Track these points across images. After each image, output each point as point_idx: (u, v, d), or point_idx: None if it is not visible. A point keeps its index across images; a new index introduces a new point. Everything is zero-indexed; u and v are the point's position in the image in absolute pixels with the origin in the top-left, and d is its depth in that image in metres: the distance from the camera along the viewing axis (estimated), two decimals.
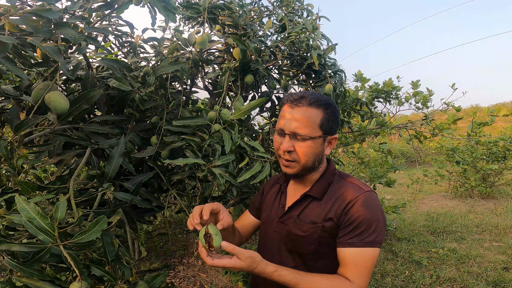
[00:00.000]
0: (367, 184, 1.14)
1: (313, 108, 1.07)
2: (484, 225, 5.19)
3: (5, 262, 0.93)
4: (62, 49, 1.16)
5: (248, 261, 0.98)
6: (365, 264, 1.04)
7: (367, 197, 1.08)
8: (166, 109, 1.65)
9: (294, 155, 1.09)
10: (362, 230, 1.04)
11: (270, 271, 1.02)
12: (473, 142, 4.06)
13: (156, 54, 2.10)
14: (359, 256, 1.04)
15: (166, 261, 4.01)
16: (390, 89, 3.10)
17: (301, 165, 1.11)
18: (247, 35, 2.03)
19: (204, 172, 1.31)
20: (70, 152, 1.42)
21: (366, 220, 1.05)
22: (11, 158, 1.08)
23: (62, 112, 1.15)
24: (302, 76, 2.47)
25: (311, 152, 1.09)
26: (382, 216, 1.09)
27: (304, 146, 1.08)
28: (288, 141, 1.08)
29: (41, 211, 0.95)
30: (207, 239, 1.01)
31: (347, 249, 1.06)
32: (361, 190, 1.10)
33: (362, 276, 1.04)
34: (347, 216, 1.07)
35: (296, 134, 1.07)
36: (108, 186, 1.15)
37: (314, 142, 1.08)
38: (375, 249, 1.05)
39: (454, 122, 2.83)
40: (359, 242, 1.04)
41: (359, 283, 1.04)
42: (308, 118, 1.06)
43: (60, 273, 1.11)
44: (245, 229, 1.43)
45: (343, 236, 1.07)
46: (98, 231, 1.01)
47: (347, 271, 1.06)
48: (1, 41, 1.01)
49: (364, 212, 1.05)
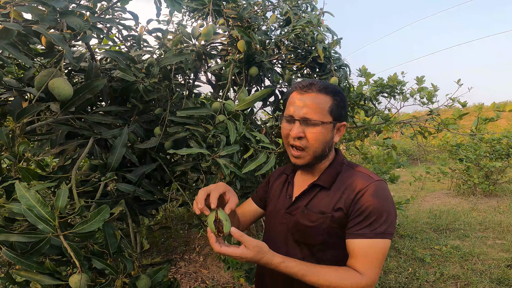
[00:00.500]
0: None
1: (323, 95, 1.07)
2: (487, 223, 5.16)
3: (2, 253, 0.89)
4: (67, 37, 1.15)
5: (255, 250, 0.96)
6: (376, 255, 1.01)
7: (377, 187, 1.05)
8: (170, 100, 1.63)
9: (304, 141, 1.07)
10: (373, 220, 1.01)
11: (277, 262, 1.00)
12: (477, 140, 4.02)
13: (160, 46, 2.08)
14: (370, 247, 1.01)
15: (168, 257, 4.00)
16: (395, 83, 3.07)
17: (311, 153, 1.09)
18: (251, 27, 2.01)
19: (209, 162, 1.29)
20: (73, 142, 1.40)
21: (376, 210, 1.01)
22: (12, 146, 1.05)
23: (65, 99, 1.13)
24: (306, 70, 2.44)
25: (322, 138, 1.07)
26: (392, 206, 1.06)
27: (315, 132, 1.06)
28: (298, 127, 1.06)
29: (42, 199, 0.91)
30: (217, 224, 0.98)
31: (358, 240, 1.03)
32: (371, 179, 1.07)
33: (372, 268, 1.01)
34: (357, 206, 1.04)
35: (306, 120, 1.05)
36: (111, 176, 1.13)
37: (324, 128, 1.06)
38: (386, 241, 1.02)
39: (460, 117, 2.80)
40: (369, 233, 1.01)
41: (370, 275, 1.01)
42: (318, 104, 1.05)
43: (60, 267, 1.07)
44: (245, 217, 1.39)
45: (353, 226, 1.04)
46: (100, 220, 0.98)
47: (357, 263, 1.03)
48: (6, 28, 1.00)
49: (375, 202, 1.02)
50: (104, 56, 2.00)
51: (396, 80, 3.10)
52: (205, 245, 4.25)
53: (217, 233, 0.98)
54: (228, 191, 1.10)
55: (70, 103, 1.25)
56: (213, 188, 1.06)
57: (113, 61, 1.93)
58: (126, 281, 1.18)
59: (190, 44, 1.99)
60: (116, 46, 2.33)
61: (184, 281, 3.45)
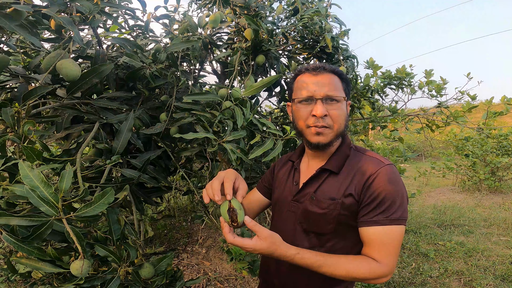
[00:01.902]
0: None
1: (334, 75, 1.10)
2: (492, 219, 5.13)
3: (3, 238, 0.87)
4: (76, 19, 1.14)
5: (268, 241, 0.94)
6: (392, 243, 0.99)
7: (389, 171, 1.02)
8: (176, 86, 1.61)
9: (328, 119, 1.06)
10: (387, 206, 0.98)
11: (292, 253, 0.97)
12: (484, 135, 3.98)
13: (167, 33, 2.07)
14: (385, 234, 0.99)
15: (170, 249, 4.01)
16: (403, 75, 3.03)
17: (335, 130, 1.07)
18: (259, 16, 1.98)
19: (215, 147, 1.27)
20: (78, 126, 1.39)
21: (390, 196, 0.99)
22: (17, 127, 1.04)
23: (73, 79, 1.12)
24: (313, 60, 2.42)
25: (343, 114, 1.08)
26: (405, 190, 1.03)
27: (337, 109, 1.06)
28: (322, 105, 1.05)
29: (45, 180, 0.89)
30: (231, 213, 0.96)
31: (373, 227, 1.00)
32: (382, 164, 1.04)
33: (390, 255, 0.99)
34: (368, 191, 1.01)
35: (330, 97, 1.05)
36: (117, 159, 1.11)
37: (343, 105, 1.08)
38: (402, 227, 1.00)
39: (469, 111, 2.75)
40: (385, 219, 0.98)
41: (388, 263, 0.99)
42: (335, 82, 1.08)
43: (62, 255, 1.05)
44: (251, 206, 1.37)
45: (367, 214, 1.01)
46: (104, 204, 0.96)
47: (373, 251, 1.00)
48: (16, 10, 1.00)
49: (387, 187, 0.99)
50: (111, 44, 1.99)
51: (405, 72, 3.06)
52: (208, 237, 4.25)
53: (230, 223, 0.96)
54: (238, 177, 1.08)
55: (76, 87, 1.24)
56: (224, 175, 1.04)
57: (120, 49, 1.92)
58: (129, 270, 1.16)
59: (197, 33, 1.97)
60: (123, 34, 2.31)
61: (187, 273, 3.45)
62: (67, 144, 1.47)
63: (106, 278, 1.11)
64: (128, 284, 1.19)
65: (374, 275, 0.98)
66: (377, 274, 0.98)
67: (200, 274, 3.43)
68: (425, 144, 12.85)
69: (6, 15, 0.98)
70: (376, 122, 3.14)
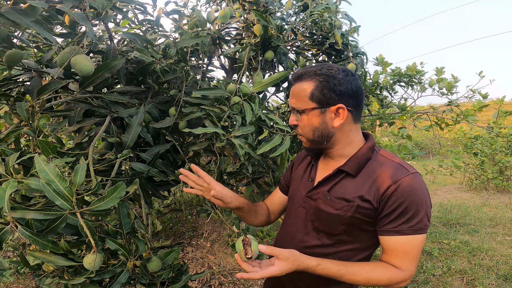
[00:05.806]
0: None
1: (303, 82, 1.07)
2: (498, 219, 5.10)
3: (18, 232, 0.89)
4: (90, 15, 1.16)
5: (290, 260, 0.95)
6: (414, 251, 0.99)
7: (413, 181, 0.99)
8: (185, 81, 1.62)
9: (298, 129, 1.12)
10: (410, 216, 0.97)
11: (313, 265, 0.98)
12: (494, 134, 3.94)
13: (176, 29, 2.08)
14: (408, 243, 0.98)
15: (177, 241, 4.05)
16: (414, 73, 3.00)
17: (305, 139, 1.12)
18: (268, 11, 1.98)
19: (223, 142, 1.28)
20: (90, 120, 1.41)
21: (414, 205, 0.97)
22: (32, 121, 1.06)
23: (87, 75, 1.14)
24: (322, 56, 2.41)
25: (308, 125, 1.08)
26: (429, 199, 1.02)
27: (302, 120, 1.09)
28: (292, 116, 1.12)
29: (60, 173, 0.91)
30: (245, 246, 0.98)
31: (395, 237, 0.99)
32: (406, 172, 1.00)
33: (412, 263, 1.00)
34: (390, 200, 0.98)
35: (294, 109, 1.10)
36: (128, 153, 1.13)
37: (309, 115, 1.06)
38: (424, 235, 1.00)
39: (480, 109, 2.72)
40: (408, 229, 0.98)
41: (408, 269, 1.00)
42: (298, 92, 1.08)
43: (73, 248, 1.07)
44: (274, 206, 1.40)
45: (389, 223, 1.00)
46: (116, 198, 0.98)
47: (395, 259, 1.01)
48: (31, 5, 1.01)
49: (411, 197, 0.97)
50: (122, 39, 2.01)
51: (415, 69, 3.03)
52: (213, 231, 4.28)
53: (245, 257, 0.97)
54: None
55: (89, 82, 1.26)
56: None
57: (130, 44, 1.93)
58: (137, 263, 1.19)
59: (206, 28, 1.98)
60: (133, 29, 2.33)
61: (191, 267, 3.49)
62: (79, 138, 1.49)
63: (115, 272, 1.14)
64: (136, 277, 1.22)
65: (394, 282, 1.00)
66: (397, 280, 1.00)
67: (204, 268, 3.46)
68: (433, 142, 12.75)
69: (21, 11, 0.99)
70: (384, 119, 3.13)
